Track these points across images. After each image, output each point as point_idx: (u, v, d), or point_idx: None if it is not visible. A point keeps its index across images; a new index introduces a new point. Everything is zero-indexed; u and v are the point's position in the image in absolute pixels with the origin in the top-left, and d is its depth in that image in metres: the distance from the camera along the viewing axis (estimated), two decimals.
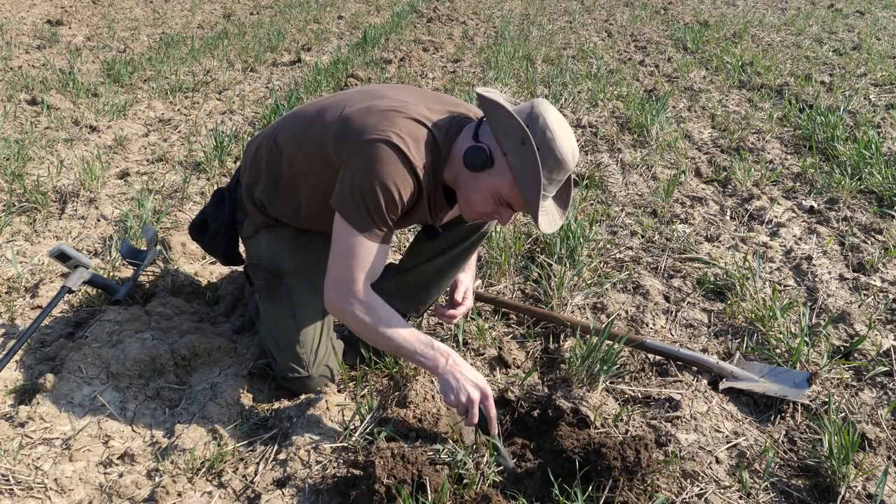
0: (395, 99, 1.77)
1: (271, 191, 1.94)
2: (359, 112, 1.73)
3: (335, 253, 1.71)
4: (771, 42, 7.69)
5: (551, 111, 1.63)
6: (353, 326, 1.76)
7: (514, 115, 1.59)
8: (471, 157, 1.65)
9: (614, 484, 1.57)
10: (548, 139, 1.59)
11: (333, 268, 1.72)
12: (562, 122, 1.64)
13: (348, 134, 1.69)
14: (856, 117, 4.72)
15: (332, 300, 1.74)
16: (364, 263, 1.69)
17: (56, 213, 3.11)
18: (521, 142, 1.59)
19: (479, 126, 1.70)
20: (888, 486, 1.70)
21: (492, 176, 1.66)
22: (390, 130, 1.64)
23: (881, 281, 2.69)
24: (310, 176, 1.83)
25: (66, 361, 1.97)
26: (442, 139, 1.72)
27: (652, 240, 3.06)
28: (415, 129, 1.68)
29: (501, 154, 1.63)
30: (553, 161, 1.61)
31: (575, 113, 4.94)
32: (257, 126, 4.49)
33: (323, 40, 7.69)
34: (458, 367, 1.68)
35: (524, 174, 1.60)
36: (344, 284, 1.70)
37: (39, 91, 4.87)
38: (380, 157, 1.62)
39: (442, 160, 1.74)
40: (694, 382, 2.06)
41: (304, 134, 1.83)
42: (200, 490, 1.64)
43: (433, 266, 2.14)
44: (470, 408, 1.65)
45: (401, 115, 1.69)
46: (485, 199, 1.71)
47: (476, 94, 1.65)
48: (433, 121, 1.73)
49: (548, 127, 1.59)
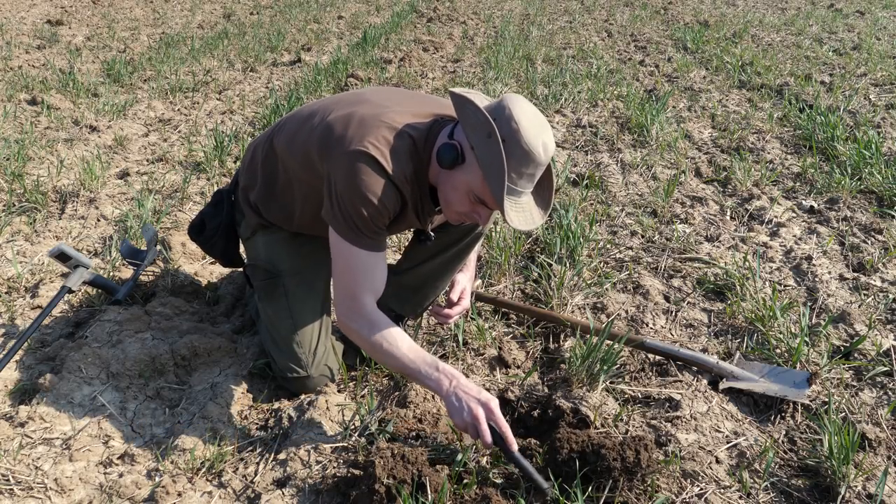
0: (378, 105, 1.76)
1: (267, 194, 1.95)
2: (340, 120, 1.73)
3: (336, 269, 1.74)
4: (771, 42, 7.69)
5: (521, 104, 1.60)
6: (361, 344, 1.77)
7: (481, 109, 1.58)
8: (442, 154, 1.65)
9: (614, 484, 1.58)
10: (513, 130, 1.56)
11: (337, 285, 1.75)
12: (532, 114, 1.60)
13: (328, 144, 1.70)
14: (856, 117, 4.72)
15: (341, 318, 1.76)
16: (364, 276, 1.71)
17: (56, 213, 3.11)
18: (488, 135, 1.56)
19: (455, 125, 1.70)
20: (888, 486, 1.70)
21: (464, 172, 1.65)
22: (367, 141, 1.64)
23: (881, 281, 2.69)
24: (301, 181, 1.84)
25: (66, 361, 1.97)
26: (423, 144, 1.72)
27: (652, 240, 3.06)
28: (394, 137, 1.68)
29: (470, 149, 1.62)
30: (520, 153, 1.57)
31: (575, 113, 4.94)
32: (257, 126, 4.49)
33: (323, 40, 7.69)
34: (461, 388, 1.62)
35: (490, 167, 1.58)
36: (349, 302, 1.72)
37: (39, 91, 4.87)
38: (357, 170, 1.63)
39: (424, 165, 1.74)
40: (694, 382, 2.06)
41: (295, 138, 1.84)
42: (200, 490, 1.64)
43: (428, 268, 2.14)
44: (477, 425, 1.57)
45: (380, 123, 1.69)
46: (460, 198, 1.69)
47: (449, 93, 1.64)
48: (413, 125, 1.72)
49: (513, 118, 1.56)
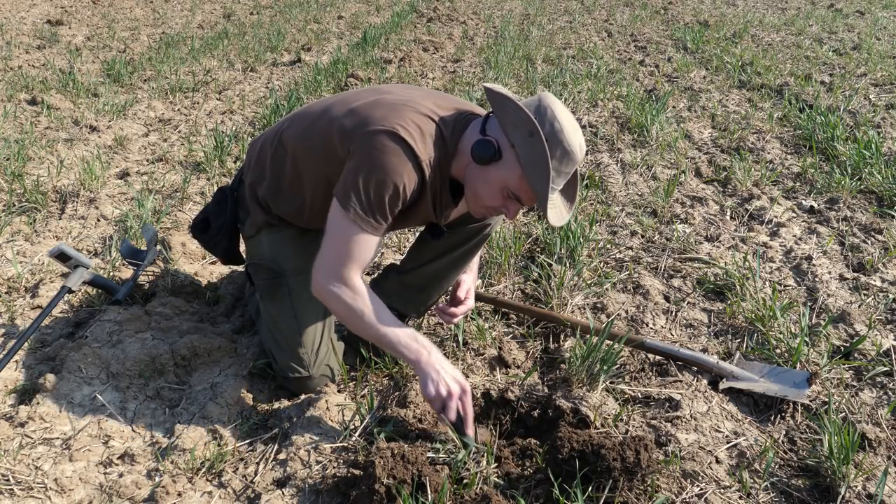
0: (402, 94, 1.78)
1: (276, 189, 1.95)
2: (366, 105, 1.74)
3: (329, 238, 1.71)
4: (771, 42, 7.69)
5: (558, 104, 1.65)
6: (338, 310, 1.75)
7: (522, 107, 1.61)
8: (479, 150, 1.66)
9: (614, 484, 1.57)
10: (556, 130, 1.60)
11: (326, 252, 1.72)
12: (569, 115, 1.65)
13: (355, 126, 1.70)
14: (856, 117, 4.72)
15: (321, 282, 1.73)
16: (356, 252, 1.68)
17: (56, 213, 3.11)
18: (530, 133, 1.60)
19: (487, 120, 1.71)
20: (888, 486, 1.70)
21: (500, 169, 1.67)
22: (397, 122, 1.65)
23: (881, 281, 2.69)
24: (314, 173, 1.83)
25: (66, 361, 1.97)
26: (449, 134, 1.73)
27: (652, 240, 3.06)
28: (422, 123, 1.69)
29: (509, 146, 1.64)
30: (562, 152, 1.62)
31: (575, 113, 4.94)
32: (257, 126, 4.49)
33: (323, 40, 7.69)
34: (439, 362, 1.69)
35: (533, 166, 1.61)
36: (335, 269, 1.70)
37: (39, 91, 4.87)
38: (385, 147, 1.62)
39: (449, 155, 1.75)
40: (694, 382, 2.06)
41: (310, 130, 1.83)
42: (200, 490, 1.64)
43: (434, 268, 2.14)
44: (447, 402, 1.65)
45: (409, 108, 1.70)
46: (493, 193, 1.71)
47: (483, 88, 1.66)
48: (440, 115, 1.74)
49: (556, 118, 1.61)
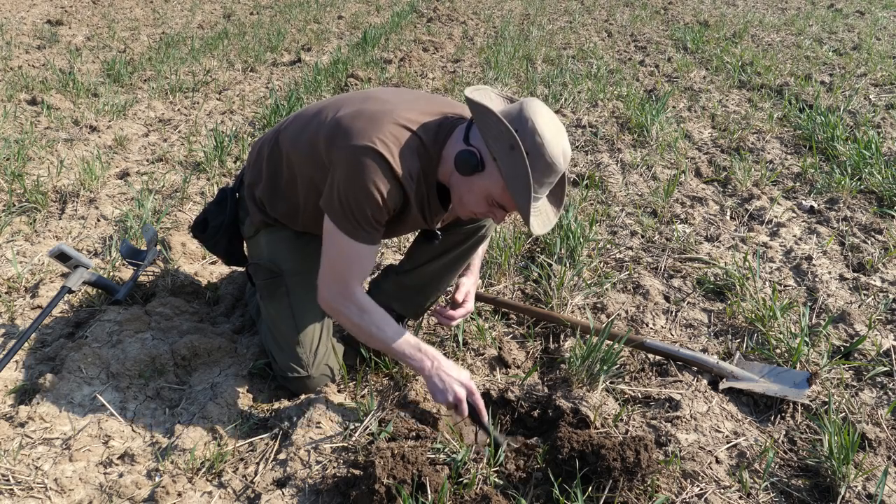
0: (387, 102, 1.77)
1: (272, 191, 1.96)
2: (348, 115, 1.74)
3: (327, 254, 1.76)
4: (771, 42, 7.69)
5: (541, 112, 1.60)
6: (347, 326, 1.84)
7: (503, 119, 1.57)
8: (461, 161, 1.65)
9: (614, 484, 1.58)
10: (537, 144, 1.57)
11: (326, 268, 1.78)
12: (552, 123, 1.61)
13: (336, 137, 1.71)
14: (856, 117, 4.72)
15: (327, 300, 1.80)
16: (355, 265, 1.75)
17: (56, 213, 3.11)
18: (511, 147, 1.56)
19: (470, 128, 1.69)
20: (888, 486, 1.70)
21: (483, 179, 1.66)
22: (375, 137, 1.65)
23: (881, 281, 2.69)
24: (305, 177, 1.84)
25: (66, 361, 1.97)
26: (431, 142, 1.72)
27: (652, 240, 3.06)
28: (401, 135, 1.68)
29: (491, 158, 1.62)
30: (543, 165, 1.59)
31: (575, 113, 4.94)
32: (257, 126, 4.49)
33: (323, 40, 7.69)
34: (443, 369, 1.77)
35: (514, 180, 1.58)
36: (337, 286, 1.77)
37: (39, 91, 4.87)
38: (362, 164, 1.63)
39: (434, 163, 1.74)
40: (694, 382, 2.06)
41: (301, 134, 1.84)
42: (200, 490, 1.64)
43: (431, 269, 2.15)
44: (459, 405, 1.75)
45: (389, 119, 1.69)
46: (478, 201, 1.72)
47: (465, 97, 1.64)
48: (422, 123, 1.73)
49: (537, 131, 1.57)
